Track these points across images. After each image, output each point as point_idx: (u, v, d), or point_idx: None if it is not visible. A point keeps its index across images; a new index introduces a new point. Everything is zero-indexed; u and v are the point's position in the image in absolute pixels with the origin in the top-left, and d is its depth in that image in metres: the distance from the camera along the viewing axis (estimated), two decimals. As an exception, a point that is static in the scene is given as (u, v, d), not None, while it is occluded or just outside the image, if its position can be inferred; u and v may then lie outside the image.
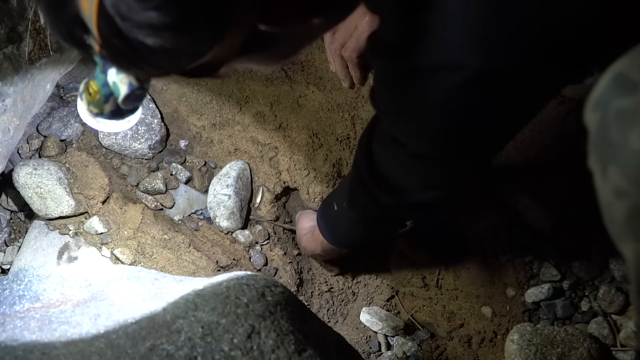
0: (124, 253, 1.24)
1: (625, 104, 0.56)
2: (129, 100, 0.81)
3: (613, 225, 0.61)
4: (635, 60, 0.58)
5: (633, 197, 0.57)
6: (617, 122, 0.57)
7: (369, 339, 1.32)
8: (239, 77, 1.43)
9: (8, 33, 1.24)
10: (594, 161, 0.59)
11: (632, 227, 0.59)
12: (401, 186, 0.98)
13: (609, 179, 0.58)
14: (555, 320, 1.26)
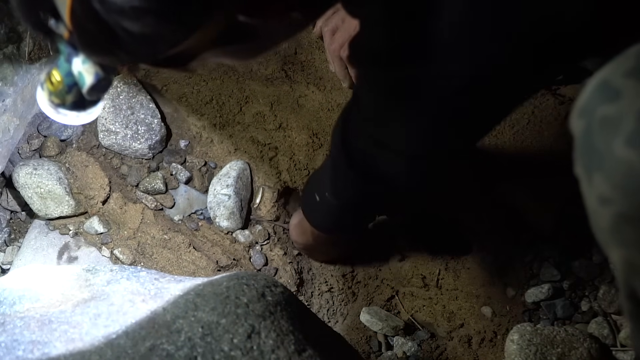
0: (124, 253, 1.24)
1: (609, 111, 0.57)
2: (94, 91, 0.78)
3: (600, 231, 0.61)
4: (620, 67, 0.58)
5: (618, 205, 0.57)
6: (601, 129, 0.57)
7: (369, 339, 1.32)
8: (239, 77, 1.43)
9: (8, 33, 1.24)
10: (580, 168, 0.59)
11: (617, 233, 0.59)
12: (385, 177, 0.99)
13: (594, 186, 0.58)
14: (555, 320, 1.26)
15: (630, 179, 0.55)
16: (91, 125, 1.37)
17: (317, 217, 1.24)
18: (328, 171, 1.12)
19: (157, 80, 1.42)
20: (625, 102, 0.56)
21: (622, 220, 0.58)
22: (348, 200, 1.11)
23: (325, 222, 1.24)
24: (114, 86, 1.35)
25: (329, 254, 1.39)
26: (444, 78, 0.77)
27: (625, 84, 0.57)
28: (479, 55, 0.75)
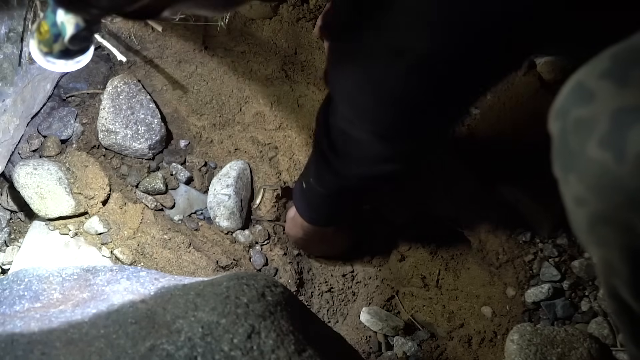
0: (124, 253, 1.24)
1: (583, 113, 0.57)
2: (75, 41, 0.84)
3: (578, 231, 0.62)
4: (595, 68, 0.58)
5: (592, 205, 0.58)
6: (575, 131, 0.58)
7: (369, 339, 1.32)
8: (239, 77, 1.43)
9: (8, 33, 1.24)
10: (557, 169, 0.60)
11: (593, 233, 0.60)
12: (360, 160, 0.99)
13: (570, 187, 0.59)
14: (555, 320, 1.26)
15: (603, 180, 0.56)
16: (91, 125, 1.37)
17: (303, 206, 1.24)
18: (312, 156, 1.12)
19: (157, 80, 1.42)
20: (599, 103, 0.57)
21: (597, 220, 0.59)
22: (329, 185, 1.11)
23: (310, 212, 1.24)
24: (114, 86, 1.35)
25: (321, 250, 1.39)
26: (397, 53, 0.77)
27: (599, 86, 0.57)
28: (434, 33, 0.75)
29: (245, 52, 1.44)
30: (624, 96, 0.56)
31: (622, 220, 0.57)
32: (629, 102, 0.55)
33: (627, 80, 0.56)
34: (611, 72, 0.57)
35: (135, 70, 1.41)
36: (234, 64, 1.44)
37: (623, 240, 0.59)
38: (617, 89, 0.56)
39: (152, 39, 1.40)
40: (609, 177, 0.55)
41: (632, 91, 0.55)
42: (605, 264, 0.64)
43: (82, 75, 1.40)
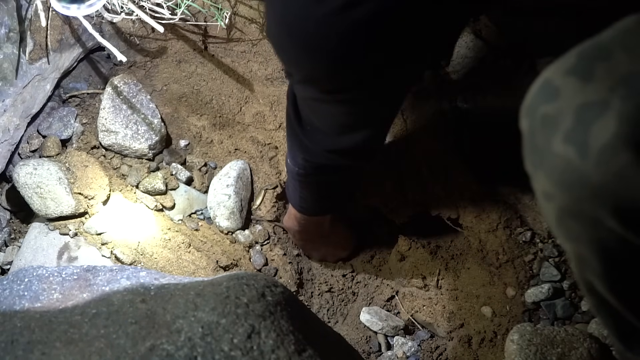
0: (124, 253, 1.24)
1: (549, 110, 0.58)
2: None
3: (550, 226, 0.64)
4: (561, 66, 0.59)
5: (558, 200, 0.59)
6: (542, 127, 0.59)
7: (369, 339, 1.32)
8: (239, 77, 1.43)
9: (8, 33, 1.24)
10: (528, 166, 0.61)
11: (563, 228, 0.62)
12: (323, 131, 0.99)
13: (538, 183, 0.61)
14: (555, 320, 1.26)
15: (567, 175, 0.57)
16: (91, 125, 1.37)
17: (290, 194, 1.25)
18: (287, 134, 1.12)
19: (157, 80, 1.42)
20: (563, 99, 0.57)
21: (565, 214, 0.60)
22: (302, 163, 1.10)
23: (296, 198, 1.24)
24: (114, 86, 1.35)
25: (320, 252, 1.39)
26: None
27: (564, 82, 0.58)
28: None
29: (245, 52, 1.44)
30: (587, 92, 0.56)
31: (588, 214, 0.58)
32: (592, 97, 0.56)
33: (591, 76, 0.57)
34: (576, 68, 0.58)
35: (135, 70, 1.41)
36: (234, 64, 1.44)
37: (591, 234, 0.60)
38: (582, 84, 0.57)
39: (152, 39, 1.40)
40: (573, 172, 0.56)
41: (596, 86, 0.56)
42: (577, 258, 0.66)
43: (82, 75, 1.40)
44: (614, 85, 0.55)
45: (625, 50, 0.56)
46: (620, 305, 0.68)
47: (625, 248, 0.60)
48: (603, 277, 0.65)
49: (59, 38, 1.31)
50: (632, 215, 0.56)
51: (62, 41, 1.32)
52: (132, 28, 1.38)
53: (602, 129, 0.55)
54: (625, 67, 0.56)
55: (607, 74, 0.56)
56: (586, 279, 0.68)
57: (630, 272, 0.64)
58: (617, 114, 0.54)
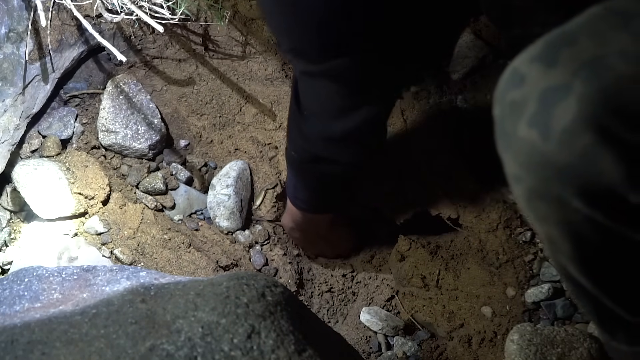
0: (124, 253, 1.24)
1: (516, 96, 0.60)
2: None
3: (522, 209, 0.66)
4: (528, 54, 0.61)
5: (526, 182, 0.62)
6: (510, 113, 0.61)
7: (369, 339, 1.32)
8: (239, 77, 1.43)
9: (8, 33, 1.24)
10: (499, 151, 0.64)
11: (532, 210, 0.64)
12: (318, 115, 0.99)
13: (507, 167, 0.63)
14: (555, 320, 1.26)
15: (532, 157, 0.59)
16: (91, 125, 1.37)
17: (292, 192, 1.25)
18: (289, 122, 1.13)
19: (157, 80, 1.42)
20: (528, 85, 0.59)
21: (532, 196, 0.62)
22: (301, 151, 1.10)
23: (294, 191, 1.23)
24: (114, 86, 1.35)
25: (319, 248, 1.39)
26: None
27: (530, 69, 0.60)
28: None
29: (245, 52, 1.44)
30: (551, 76, 0.58)
31: (554, 195, 0.60)
32: (555, 81, 0.58)
33: (556, 61, 0.58)
34: (541, 55, 0.60)
35: (135, 70, 1.41)
36: (234, 64, 1.44)
37: (559, 215, 0.62)
38: (545, 70, 0.59)
39: (152, 39, 1.40)
40: (537, 154, 0.59)
41: (560, 71, 0.58)
42: (548, 241, 0.67)
43: (82, 75, 1.40)
44: (577, 69, 0.57)
45: (591, 36, 0.58)
46: (595, 288, 0.70)
47: (592, 228, 0.61)
48: (574, 259, 0.67)
49: (59, 38, 1.31)
50: (596, 194, 0.58)
51: (62, 41, 1.32)
52: (132, 28, 1.38)
53: (564, 112, 0.57)
54: (589, 52, 0.57)
55: (571, 59, 0.58)
56: (560, 262, 0.69)
57: (599, 253, 0.65)
58: (579, 96, 0.56)
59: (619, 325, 0.74)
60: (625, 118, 0.55)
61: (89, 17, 1.31)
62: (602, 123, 0.55)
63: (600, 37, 0.58)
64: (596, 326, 0.81)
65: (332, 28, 0.83)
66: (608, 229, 0.61)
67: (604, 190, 0.57)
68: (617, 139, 0.55)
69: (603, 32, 0.58)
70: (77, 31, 1.34)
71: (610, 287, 0.69)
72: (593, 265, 0.67)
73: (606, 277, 0.68)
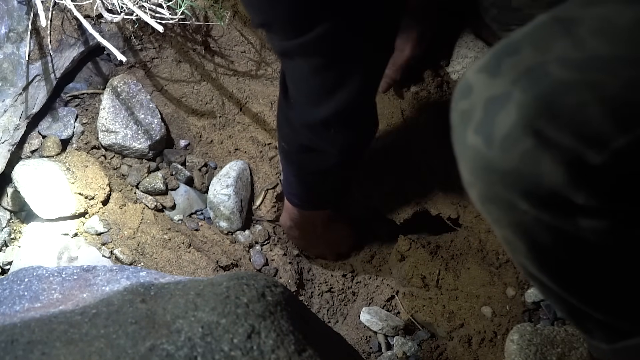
0: (124, 253, 1.24)
1: (465, 105, 0.63)
2: None
3: (481, 213, 0.68)
4: (476, 65, 0.63)
5: (477, 187, 0.64)
6: (460, 122, 0.64)
7: (369, 339, 1.32)
8: (239, 77, 1.43)
9: (8, 33, 1.24)
10: (457, 159, 0.66)
11: (487, 214, 0.66)
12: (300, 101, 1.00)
13: (461, 173, 0.66)
14: (555, 320, 1.26)
15: (478, 162, 0.62)
16: (91, 125, 1.37)
17: (286, 188, 1.24)
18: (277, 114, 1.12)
19: (157, 80, 1.42)
20: (475, 95, 0.62)
21: (484, 200, 0.65)
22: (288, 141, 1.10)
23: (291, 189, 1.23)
24: (114, 86, 1.35)
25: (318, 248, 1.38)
26: None
27: (476, 79, 0.62)
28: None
29: (245, 52, 1.44)
30: (494, 86, 0.61)
31: (502, 198, 0.62)
32: (497, 90, 0.60)
33: (498, 71, 0.61)
34: (487, 65, 0.62)
35: (135, 70, 1.41)
36: (234, 64, 1.44)
37: (510, 217, 0.64)
38: (489, 80, 0.61)
39: (152, 39, 1.40)
40: (483, 160, 0.61)
41: (501, 80, 0.60)
42: (505, 242, 0.69)
43: (82, 75, 1.40)
44: (516, 78, 0.59)
45: (532, 44, 0.60)
46: (557, 287, 0.71)
47: (542, 228, 0.63)
48: (530, 258, 0.69)
49: (59, 38, 1.31)
50: (540, 197, 0.60)
51: (62, 41, 1.32)
52: (132, 28, 1.38)
53: (504, 119, 0.59)
54: (530, 60, 0.59)
55: (512, 68, 0.60)
56: (520, 262, 0.71)
57: (554, 252, 0.67)
58: (517, 104, 0.58)
59: (593, 323, 0.75)
60: (560, 122, 0.57)
61: (89, 17, 1.31)
62: (538, 128, 0.58)
63: (542, 45, 0.60)
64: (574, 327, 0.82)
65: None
66: (557, 229, 0.63)
67: (547, 193, 0.60)
68: (553, 143, 0.57)
69: (545, 40, 0.60)
70: (77, 31, 1.34)
71: (570, 285, 0.71)
72: (549, 263, 0.69)
73: (565, 275, 0.70)
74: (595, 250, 0.65)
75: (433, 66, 1.43)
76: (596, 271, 0.68)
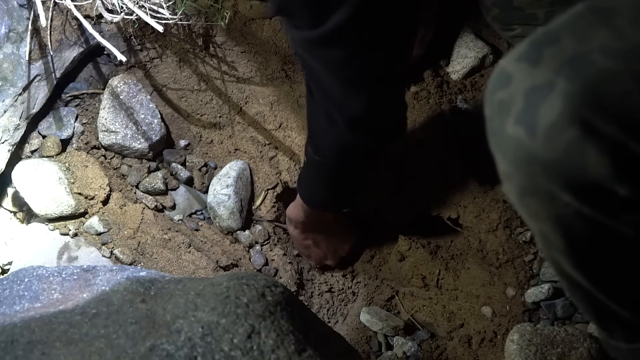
0: (124, 253, 1.24)
1: (503, 95, 0.62)
2: None
3: (515, 207, 0.67)
4: (514, 54, 0.63)
5: (516, 179, 0.63)
6: (498, 112, 0.63)
7: (369, 339, 1.32)
8: (239, 77, 1.43)
9: (8, 33, 1.24)
10: (491, 150, 0.65)
11: (524, 207, 0.65)
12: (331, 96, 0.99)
13: (499, 165, 0.65)
14: (555, 320, 1.26)
15: (519, 153, 0.61)
16: (91, 125, 1.37)
17: (305, 189, 1.23)
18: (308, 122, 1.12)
19: (157, 80, 1.42)
20: (515, 84, 0.61)
21: (523, 193, 0.64)
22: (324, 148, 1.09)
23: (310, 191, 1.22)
24: (114, 86, 1.35)
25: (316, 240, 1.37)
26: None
27: (515, 68, 0.62)
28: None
29: (245, 52, 1.44)
30: (535, 75, 0.60)
31: (544, 190, 0.61)
32: (540, 79, 0.59)
33: (540, 60, 0.60)
34: (526, 54, 0.61)
35: (135, 71, 1.41)
36: (234, 64, 1.44)
37: (549, 210, 0.63)
38: (531, 69, 0.60)
39: (152, 39, 1.40)
40: (524, 150, 0.60)
41: (544, 69, 0.59)
42: (541, 237, 0.68)
43: (82, 75, 1.40)
44: (559, 67, 0.59)
45: (573, 33, 0.60)
46: (589, 283, 0.71)
47: (582, 222, 0.63)
48: (567, 254, 0.68)
49: (59, 38, 1.31)
50: (583, 188, 0.59)
51: (62, 41, 1.32)
52: (132, 28, 1.38)
53: (548, 109, 0.58)
54: (571, 49, 0.59)
55: (554, 57, 0.59)
56: (553, 258, 0.70)
57: (591, 246, 0.66)
58: (562, 93, 0.58)
59: (616, 322, 0.75)
60: (606, 112, 0.57)
61: (89, 17, 1.31)
62: (584, 118, 0.57)
63: (582, 34, 0.59)
64: (594, 325, 0.82)
65: None
66: (597, 222, 0.62)
67: (590, 184, 0.59)
68: (599, 133, 0.57)
69: (585, 29, 0.59)
70: (77, 31, 1.34)
71: (602, 282, 0.70)
72: (585, 259, 0.68)
73: (598, 271, 0.69)
74: (634, 246, 0.64)
75: (433, 66, 1.43)
76: (632, 267, 0.68)
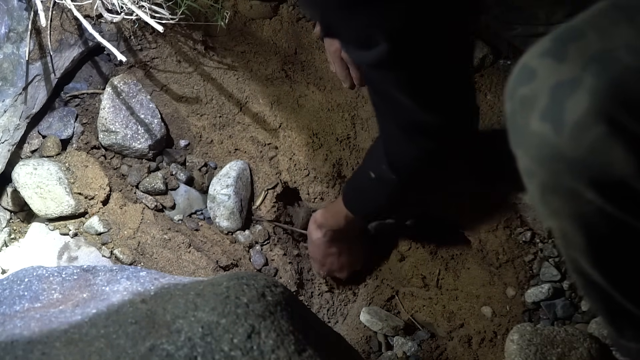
0: (124, 253, 1.24)
1: (526, 91, 0.61)
2: None
3: (535, 206, 0.67)
4: (537, 50, 0.62)
5: (539, 176, 0.62)
6: (521, 108, 0.62)
7: (369, 339, 1.32)
8: (239, 77, 1.43)
9: (8, 33, 1.24)
10: (512, 146, 0.64)
11: (545, 204, 0.65)
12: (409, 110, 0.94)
13: (520, 162, 0.64)
14: (555, 320, 1.26)
15: (544, 150, 0.60)
16: (91, 125, 1.37)
17: (360, 200, 1.19)
18: (383, 141, 1.07)
19: (157, 80, 1.42)
20: (539, 80, 0.60)
21: (545, 190, 0.63)
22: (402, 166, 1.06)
23: (368, 203, 1.19)
24: (114, 86, 1.35)
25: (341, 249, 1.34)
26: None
27: (540, 64, 0.61)
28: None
29: (245, 52, 1.44)
30: (561, 71, 0.59)
31: (567, 188, 0.61)
32: (565, 75, 0.59)
33: (565, 56, 0.59)
34: (551, 50, 0.61)
35: (135, 70, 1.41)
36: (234, 64, 1.44)
37: (571, 208, 0.62)
38: (556, 65, 0.60)
39: (152, 39, 1.40)
40: (549, 147, 0.60)
41: (569, 65, 0.59)
42: (561, 234, 0.68)
43: (82, 75, 1.40)
44: (586, 63, 0.58)
45: (597, 30, 0.59)
46: (606, 282, 0.70)
47: (605, 220, 0.62)
48: (586, 252, 0.68)
49: (59, 38, 1.31)
50: (608, 186, 0.59)
51: (62, 41, 1.32)
52: (132, 28, 1.38)
53: (575, 105, 0.58)
54: (596, 46, 0.58)
55: (580, 53, 0.59)
56: (571, 256, 0.70)
57: (611, 245, 0.66)
58: (589, 89, 0.57)
59: (629, 322, 0.75)
60: (632, 110, 0.56)
61: (89, 17, 1.31)
62: (611, 115, 0.56)
63: (606, 31, 0.59)
64: (605, 324, 0.82)
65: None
66: (620, 221, 0.62)
67: (615, 182, 0.58)
68: (625, 131, 0.56)
69: (609, 27, 0.59)
70: (77, 31, 1.34)
71: (620, 280, 0.70)
72: (604, 257, 0.68)
73: (617, 270, 0.69)
74: None
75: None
76: None
